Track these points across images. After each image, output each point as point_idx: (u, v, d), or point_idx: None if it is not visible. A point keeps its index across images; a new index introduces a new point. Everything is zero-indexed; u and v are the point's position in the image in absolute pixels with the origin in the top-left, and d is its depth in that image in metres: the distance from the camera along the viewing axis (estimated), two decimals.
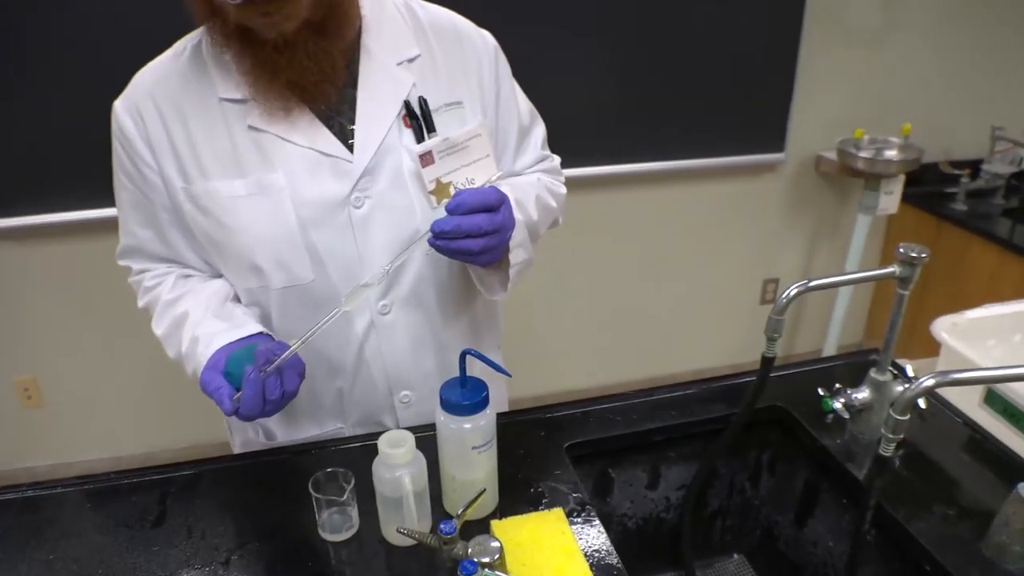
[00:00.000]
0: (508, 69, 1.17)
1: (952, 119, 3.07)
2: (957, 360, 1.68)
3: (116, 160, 1.07)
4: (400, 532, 0.86)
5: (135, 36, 1.97)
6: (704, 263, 3.10)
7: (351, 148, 1.02)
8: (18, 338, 2.60)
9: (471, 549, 0.81)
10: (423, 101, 1.05)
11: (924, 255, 0.99)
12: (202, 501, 1.04)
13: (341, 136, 1.03)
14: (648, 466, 1.22)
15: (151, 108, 1.02)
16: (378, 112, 1.03)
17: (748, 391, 1.06)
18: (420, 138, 1.05)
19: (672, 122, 2.75)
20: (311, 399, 1.15)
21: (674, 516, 1.27)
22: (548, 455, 1.10)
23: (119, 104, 1.04)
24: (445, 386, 0.92)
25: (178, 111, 1.01)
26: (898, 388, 1.10)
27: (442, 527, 0.81)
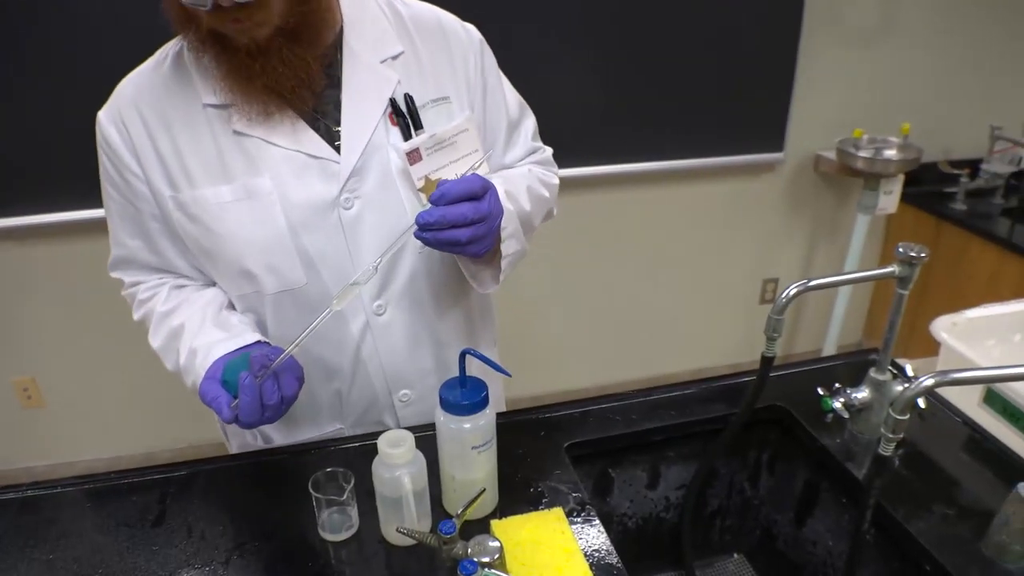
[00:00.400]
0: (494, 62, 1.17)
1: (951, 119, 3.07)
2: (956, 360, 1.68)
3: (103, 171, 1.06)
4: (400, 532, 0.86)
5: (134, 36, 1.97)
6: (703, 263, 3.10)
7: (338, 149, 1.02)
8: (17, 338, 2.60)
9: (471, 549, 0.81)
10: (409, 98, 1.05)
11: (924, 255, 0.99)
12: (202, 501, 1.04)
13: (327, 137, 1.02)
14: (648, 466, 1.22)
15: (135, 117, 1.01)
16: (363, 111, 1.03)
17: (748, 391, 1.06)
18: (407, 136, 1.04)
19: (671, 122, 2.75)
20: (309, 402, 1.15)
21: (674, 516, 1.27)
22: (548, 455, 1.10)
23: (103, 114, 1.03)
24: (445, 386, 0.92)
25: (162, 119, 1.01)
26: (898, 388, 1.10)
27: (442, 527, 0.81)
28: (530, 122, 1.23)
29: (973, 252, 2.80)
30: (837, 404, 1.13)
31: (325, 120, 1.03)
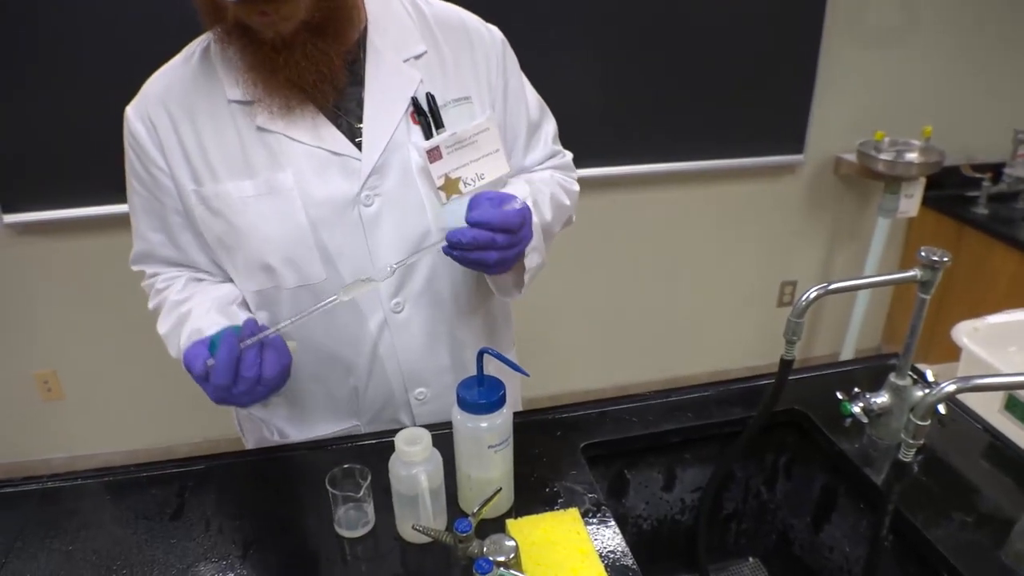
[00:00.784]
0: (516, 63, 1.17)
1: (974, 122, 3.04)
2: (978, 366, 1.66)
3: (128, 165, 1.08)
4: (416, 529, 0.86)
5: (140, 34, 1.99)
6: (721, 264, 3.09)
7: (359, 146, 1.03)
8: (40, 332, 2.63)
9: (486, 547, 0.81)
10: (431, 97, 1.05)
11: (946, 259, 0.98)
12: (220, 495, 1.05)
13: (349, 134, 1.03)
14: (664, 467, 1.21)
15: (162, 112, 1.02)
16: (385, 109, 1.03)
17: (765, 393, 1.05)
18: (428, 135, 1.05)
19: (691, 123, 2.74)
20: (326, 398, 1.16)
21: (689, 518, 1.27)
22: (564, 455, 1.10)
23: (131, 110, 1.05)
24: (462, 385, 0.92)
25: (188, 114, 1.02)
26: (918, 393, 1.09)
27: (457, 525, 0.81)
28: (551, 125, 1.23)
29: (995, 257, 2.77)
30: (856, 409, 1.12)
31: (347, 117, 1.03)
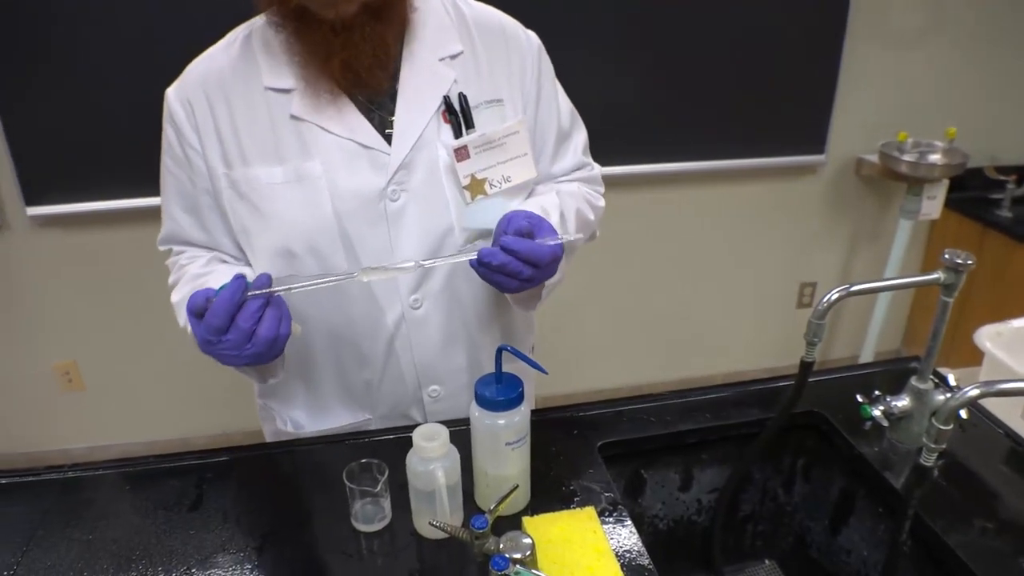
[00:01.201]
0: (551, 70, 1.17)
1: (998, 123, 3.00)
2: (1001, 370, 1.64)
3: (165, 145, 1.09)
4: (432, 525, 0.87)
5: (161, 29, 2.01)
6: (741, 264, 3.07)
7: (389, 140, 1.03)
8: (60, 323, 2.66)
9: (503, 544, 0.81)
10: (463, 97, 1.06)
11: (971, 262, 0.97)
12: (238, 487, 1.06)
13: (380, 128, 1.04)
14: (681, 468, 1.21)
15: (200, 95, 1.04)
16: (418, 106, 1.04)
17: (784, 395, 1.05)
18: (458, 134, 1.06)
19: (712, 122, 2.72)
20: (340, 387, 1.17)
21: (706, 519, 1.26)
22: (581, 454, 1.10)
23: (171, 92, 1.07)
24: (480, 381, 0.92)
25: (225, 98, 1.04)
26: (939, 397, 1.08)
27: (474, 522, 0.81)
28: (581, 136, 1.23)
29: (1018, 260, 2.74)
30: (877, 412, 1.11)
31: (380, 112, 1.04)
